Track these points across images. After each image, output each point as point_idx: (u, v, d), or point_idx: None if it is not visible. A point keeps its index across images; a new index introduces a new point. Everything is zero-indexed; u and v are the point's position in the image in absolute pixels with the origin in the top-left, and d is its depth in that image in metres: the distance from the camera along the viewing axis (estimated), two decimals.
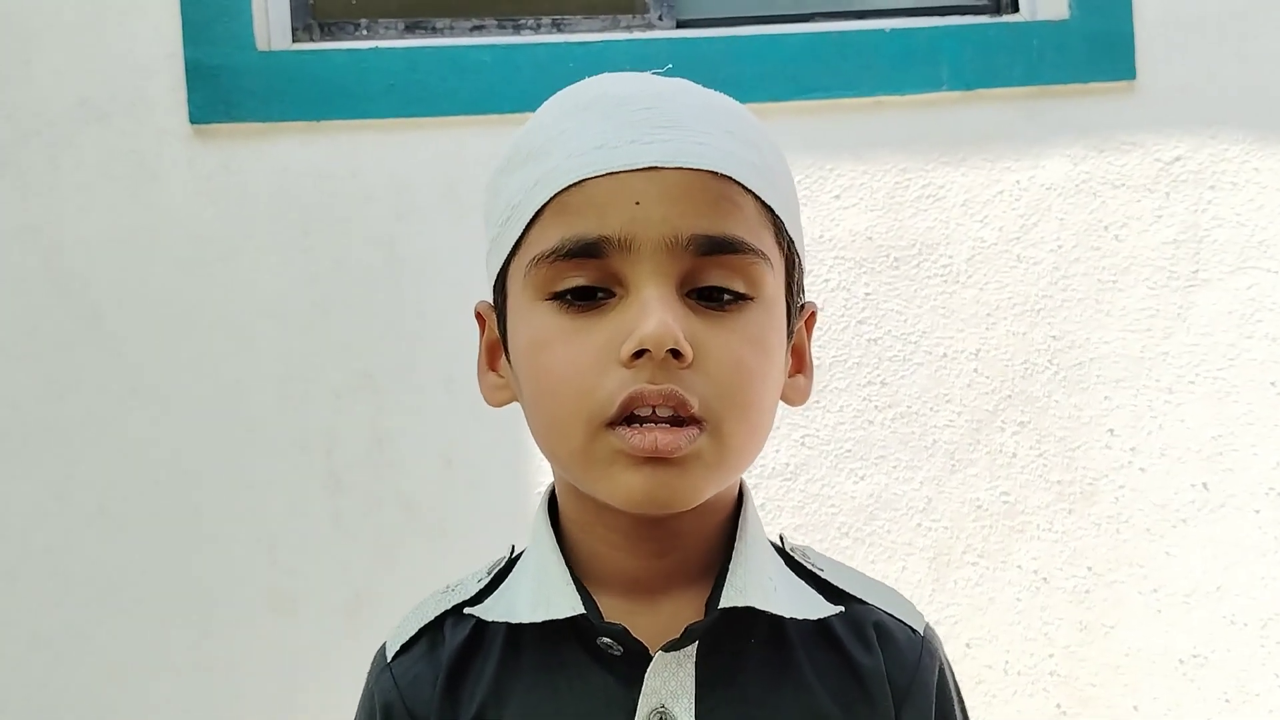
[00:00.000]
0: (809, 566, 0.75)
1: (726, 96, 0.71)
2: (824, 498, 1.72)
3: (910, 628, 0.74)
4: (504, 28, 1.78)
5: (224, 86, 1.64)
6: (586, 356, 0.64)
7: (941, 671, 0.75)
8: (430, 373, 1.66)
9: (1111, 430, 1.75)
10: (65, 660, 1.63)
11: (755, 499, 0.74)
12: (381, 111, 1.66)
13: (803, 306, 0.75)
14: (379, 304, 1.66)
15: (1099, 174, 1.76)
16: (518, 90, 1.66)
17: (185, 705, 1.64)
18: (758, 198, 0.67)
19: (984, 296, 1.74)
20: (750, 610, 0.68)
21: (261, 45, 1.67)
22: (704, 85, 0.71)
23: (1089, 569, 1.74)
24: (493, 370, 0.75)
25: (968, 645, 1.72)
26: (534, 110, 1.57)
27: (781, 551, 0.76)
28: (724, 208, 0.65)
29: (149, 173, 1.64)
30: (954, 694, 0.76)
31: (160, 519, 1.64)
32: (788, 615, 0.69)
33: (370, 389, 1.66)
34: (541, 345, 0.66)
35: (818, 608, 0.71)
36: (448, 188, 1.67)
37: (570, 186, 0.64)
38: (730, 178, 0.65)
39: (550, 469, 0.74)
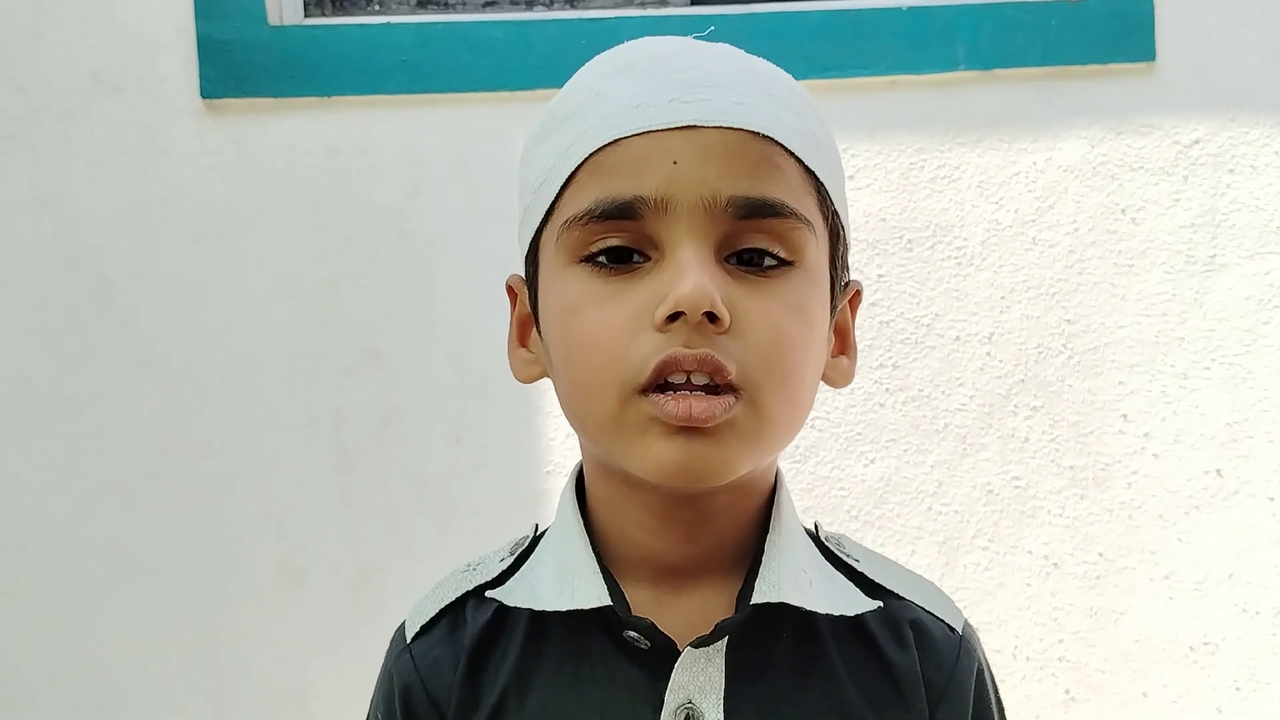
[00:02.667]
0: (844, 558, 0.72)
1: (771, 63, 0.69)
2: (834, 480, 1.71)
3: (949, 626, 0.72)
4: (516, 4, 1.77)
5: (235, 61, 1.63)
6: (620, 320, 0.61)
7: (980, 673, 0.72)
8: (440, 350, 1.65)
9: (1125, 415, 1.74)
10: (75, 633, 1.64)
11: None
12: (393, 87, 1.65)
13: (848, 284, 0.73)
14: (389, 281, 1.66)
15: (1116, 156, 1.74)
16: (530, 67, 1.65)
17: (194, 678, 1.65)
18: (801, 162, 0.65)
19: (998, 279, 1.73)
20: (777, 605, 0.65)
21: (273, 20, 1.66)
22: None
23: (1100, 555, 1.73)
24: (523, 346, 0.73)
25: (977, 629, 1.72)
26: (547, 87, 1.56)
27: (816, 540, 0.73)
28: (765, 169, 0.63)
29: (160, 147, 1.64)
30: (992, 696, 0.73)
31: (169, 493, 1.64)
32: (823, 611, 0.66)
33: (379, 366, 1.66)
34: (573, 309, 0.63)
35: (855, 603, 0.68)
36: (459, 164, 1.66)
37: (605, 146, 0.62)
38: (773, 139, 0.63)
39: (577, 447, 0.72)
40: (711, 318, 0.59)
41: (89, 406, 1.64)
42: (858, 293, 0.74)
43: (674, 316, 0.59)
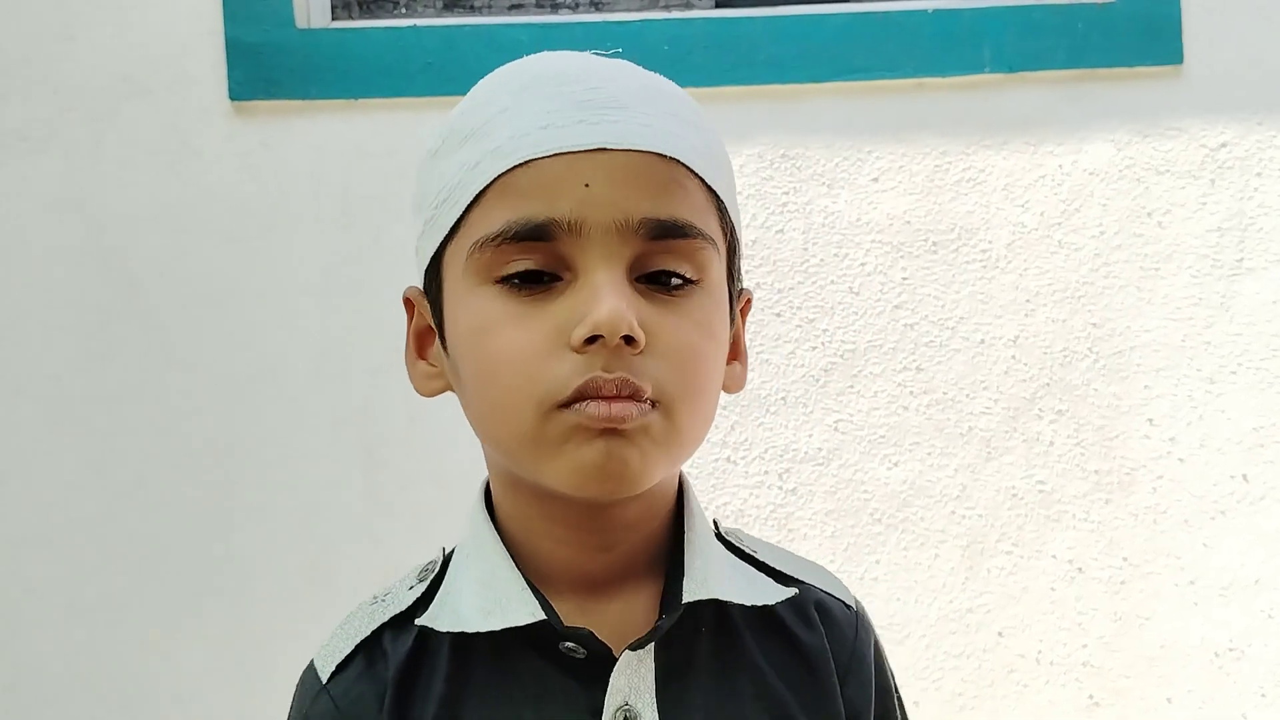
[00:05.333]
0: (746, 550, 0.75)
1: (666, 79, 0.69)
2: (856, 483, 1.71)
3: (845, 603, 0.76)
4: (542, 7, 1.78)
5: (264, 64, 1.65)
6: (536, 340, 0.62)
7: (876, 644, 0.77)
8: None
9: (1151, 420, 1.73)
10: (102, 630, 1.65)
11: (788, 484, 0.74)
12: (419, 90, 1.66)
13: (739, 292, 0.74)
14: (415, 281, 1.66)
15: (1143, 159, 1.73)
16: None
17: (221, 676, 1.66)
18: (703, 181, 0.66)
19: (1023, 282, 1.72)
20: (701, 602, 0.68)
21: (301, 23, 1.67)
22: (745, 65, 0.70)
23: (1125, 560, 1.73)
24: (422, 359, 0.73)
25: (1000, 634, 1.71)
26: None
27: (719, 538, 0.75)
28: (672, 190, 0.64)
29: (189, 149, 1.66)
30: (887, 665, 0.77)
31: (197, 491, 1.66)
32: (749, 603, 0.69)
33: (405, 366, 1.66)
34: (486, 330, 0.64)
35: (772, 592, 0.71)
36: None
37: (516, 167, 0.63)
38: (678, 160, 0.64)
39: (485, 466, 0.73)
40: (628, 340, 0.61)
41: (117, 405, 1.65)
42: (748, 301, 0.76)
43: (592, 339, 0.61)
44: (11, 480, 1.65)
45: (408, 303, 0.74)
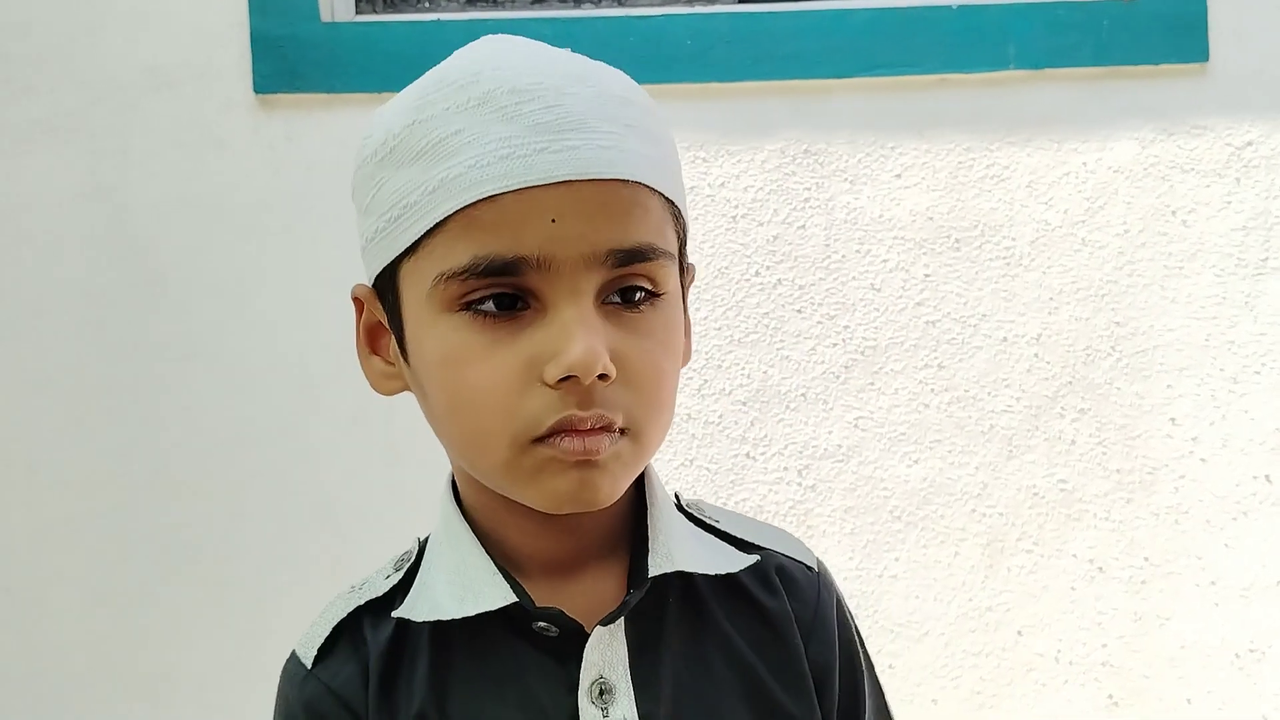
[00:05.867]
0: (707, 520, 0.77)
1: (613, 72, 0.69)
2: (876, 480, 1.71)
3: (806, 566, 0.78)
4: (565, 1, 1.78)
5: (288, 57, 1.65)
6: (507, 374, 0.63)
7: (839, 603, 0.78)
8: None
9: (1173, 419, 1.72)
10: (126, 619, 1.67)
11: (807, 480, 0.75)
12: None
13: (686, 268, 0.74)
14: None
15: (1168, 157, 1.72)
16: None
17: (243, 667, 1.67)
18: (661, 194, 0.67)
19: (1047, 280, 1.72)
20: (667, 574, 0.70)
21: (325, 17, 1.68)
22: (767, 60, 0.70)
23: (1146, 559, 1.72)
24: (375, 354, 0.75)
25: (1019, 633, 1.71)
26: None
27: (680, 509, 0.77)
28: (636, 215, 0.65)
29: (214, 141, 1.67)
30: (851, 621, 0.79)
31: (221, 483, 1.67)
32: (712, 572, 0.72)
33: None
34: (457, 360, 0.65)
35: (733, 560, 0.74)
36: None
37: (479, 201, 0.62)
38: (641, 183, 0.65)
39: (449, 461, 0.74)
40: (602, 376, 0.62)
41: (141, 396, 1.66)
42: (692, 275, 0.76)
43: (565, 376, 0.62)
44: (35, 469, 1.66)
45: (356, 300, 0.75)
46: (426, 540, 0.76)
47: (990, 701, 1.71)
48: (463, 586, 0.69)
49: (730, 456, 1.69)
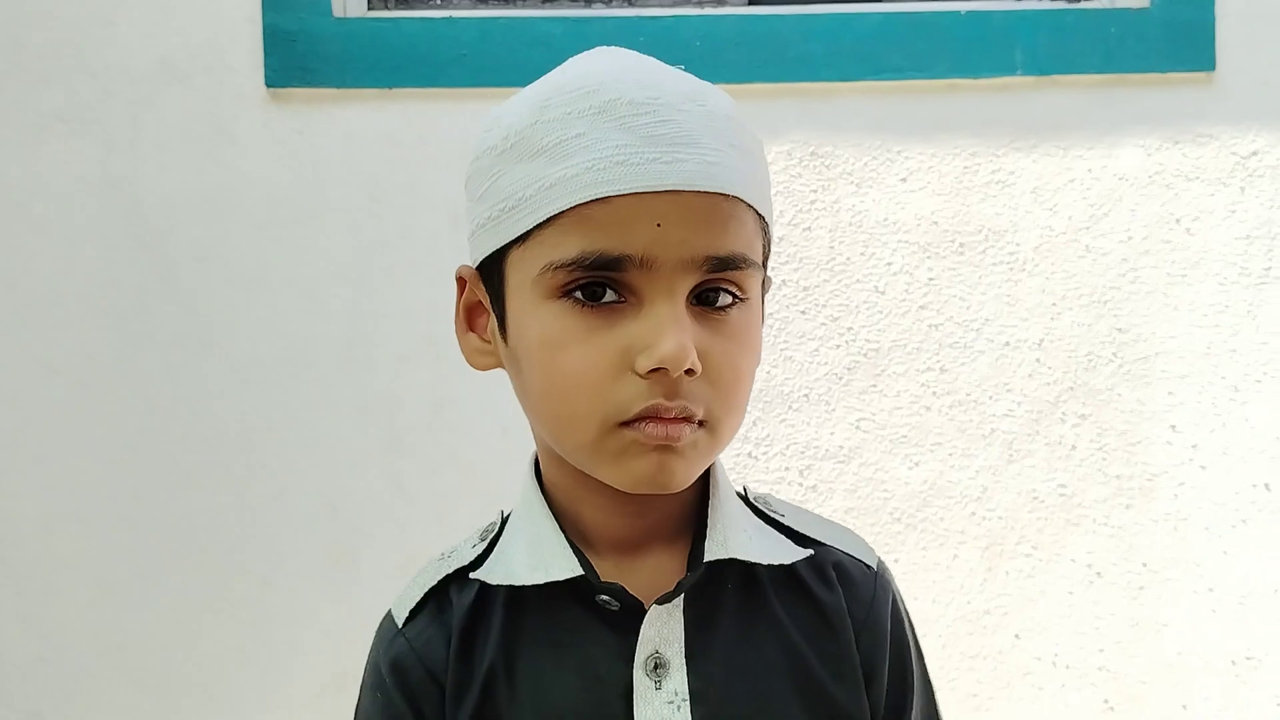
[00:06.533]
0: (772, 514, 0.82)
1: (720, 93, 0.73)
2: (877, 482, 1.72)
3: (865, 564, 0.82)
4: (575, 1, 1.79)
5: (300, 51, 1.67)
6: (602, 362, 0.68)
7: (894, 602, 0.82)
8: None
9: (1174, 426, 1.73)
10: (131, 606, 1.68)
11: (808, 480, 0.78)
12: (453, 80, 1.68)
13: (765, 280, 0.80)
14: (445, 270, 1.68)
15: (1173, 165, 1.73)
16: None
17: (246, 655, 1.69)
18: (754, 208, 0.72)
19: (1050, 286, 1.73)
20: (725, 560, 0.75)
21: (337, 12, 1.69)
22: (776, 62, 0.74)
23: (1144, 565, 1.73)
24: (472, 331, 0.80)
25: (1017, 636, 1.72)
26: None
27: (746, 502, 0.83)
28: (732, 227, 0.70)
29: (226, 134, 1.68)
30: (905, 619, 0.83)
31: (227, 473, 1.68)
32: (764, 562, 0.76)
33: (432, 354, 1.68)
34: (556, 345, 0.70)
35: (788, 553, 0.78)
36: None
37: (593, 200, 0.68)
38: (740, 198, 0.70)
39: (534, 441, 0.79)
40: (688, 371, 0.68)
41: (151, 386, 1.68)
42: (769, 283, 0.82)
43: (656, 368, 0.67)
44: (44, 459, 1.68)
45: (459, 279, 0.79)
46: (509, 514, 0.82)
47: (987, 704, 1.72)
48: (536, 557, 0.75)
49: (733, 456, 1.70)
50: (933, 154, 1.72)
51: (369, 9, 1.76)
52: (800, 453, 1.71)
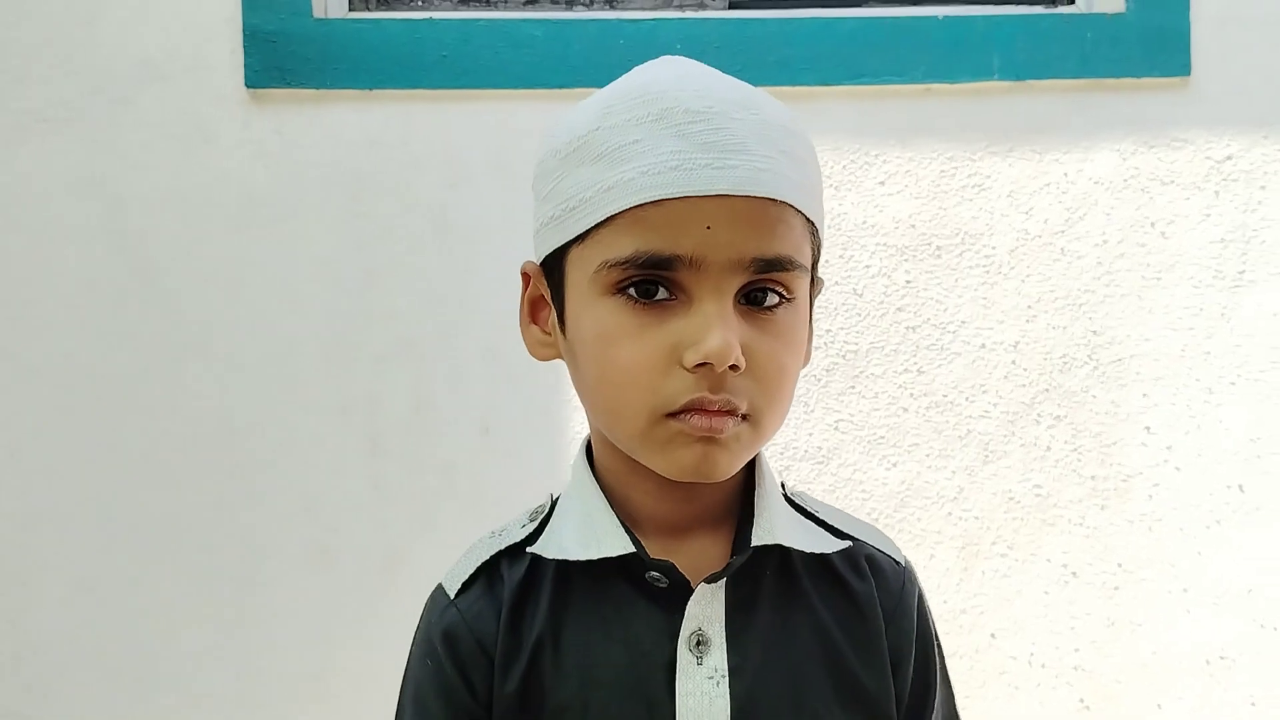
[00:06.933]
0: (808, 510, 0.86)
1: (773, 102, 0.77)
2: (855, 482, 1.73)
3: (894, 560, 0.87)
4: (557, 3, 1.80)
5: (280, 52, 1.67)
6: (652, 356, 0.72)
7: (920, 598, 0.87)
8: (471, 341, 1.68)
9: (1148, 428, 1.74)
10: (109, 605, 1.68)
11: (787, 481, 0.81)
12: (433, 82, 1.68)
13: (815, 281, 0.83)
14: (425, 271, 1.69)
15: (1148, 169, 1.75)
16: (568, 65, 1.68)
17: (224, 654, 1.68)
18: (804, 215, 0.75)
19: (1025, 288, 1.74)
20: (767, 547, 0.79)
21: (318, 13, 1.69)
22: (756, 66, 0.77)
23: (1119, 565, 1.74)
24: (535, 323, 0.83)
25: (993, 635, 1.73)
26: (585, 85, 1.58)
27: (785, 497, 0.86)
28: (780, 230, 0.73)
29: (206, 134, 1.68)
30: (930, 618, 0.88)
31: (206, 473, 1.68)
32: (807, 550, 0.81)
33: (413, 355, 1.69)
34: (609, 340, 0.74)
35: (828, 543, 0.82)
36: (497, 159, 1.69)
37: (648, 203, 0.71)
38: (787, 203, 0.73)
39: (588, 426, 0.82)
40: (733, 367, 0.71)
41: (130, 385, 1.67)
42: (820, 285, 0.85)
43: (702, 363, 0.71)
44: (23, 457, 1.67)
45: (525, 275, 0.83)
46: (558, 498, 0.85)
47: (963, 704, 1.72)
48: (587, 534, 0.79)
49: None
50: (910, 158, 1.73)
51: (350, 10, 1.76)
52: (779, 454, 1.72)
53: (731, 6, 1.80)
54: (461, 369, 1.69)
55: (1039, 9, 1.79)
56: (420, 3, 1.79)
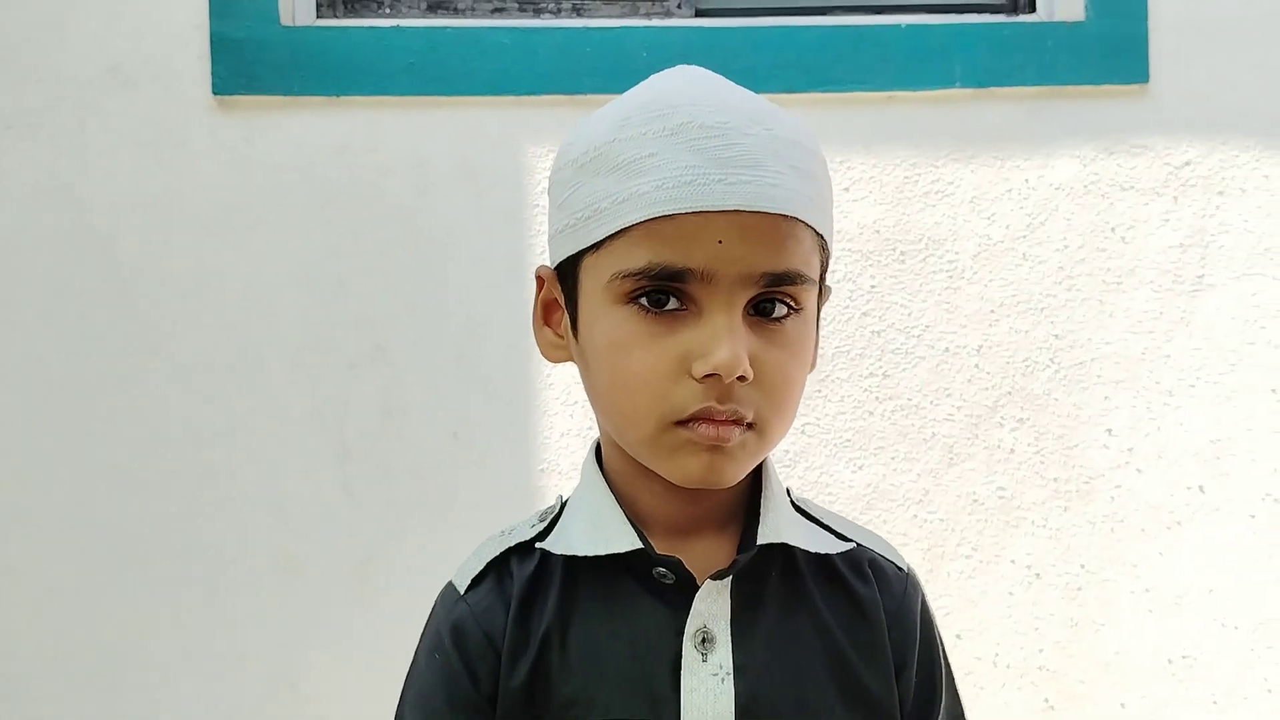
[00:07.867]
0: (812, 514, 0.88)
1: (786, 117, 0.78)
2: (821, 485, 1.74)
3: (897, 565, 0.88)
4: (524, 10, 1.81)
5: (247, 59, 1.67)
6: (663, 365, 0.74)
7: (923, 602, 0.88)
8: (442, 348, 1.69)
9: (1110, 430, 1.77)
10: (77, 613, 1.67)
11: None
12: (401, 89, 1.69)
13: (822, 290, 0.85)
14: (395, 278, 1.69)
15: (1108, 175, 1.77)
16: (536, 73, 1.69)
17: (193, 662, 1.68)
18: (813, 228, 0.77)
19: (988, 293, 1.76)
20: (772, 548, 0.81)
21: (285, 20, 1.69)
22: (721, 74, 0.79)
23: (1082, 566, 1.76)
24: (548, 326, 0.85)
25: (958, 636, 1.75)
26: (552, 93, 1.59)
27: (790, 502, 0.88)
28: (790, 245, 0.75)
29: (173, 140, 1.68)
30: (934, 623, 0.89)
31: (175, 479, 1.68)
32: (813, 550, 0.82)
33: (383, 361, 1.69)
34: (621, 348, 0.76)
35: (833, 545, 0.84)
36: (465, 166, 1.69)
37: (661, 216, 0.73)
38: (797, 218, 0.75)
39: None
40: (740, 378, 0.73)
41: (98, 392, 1.67)
42: (828, 293, 0.87)
43: (710, 374, 0.73)
44: None
45: (539, 278, 0.85)
46: (567, 499, 0.87)
47: None
48: (596, 531, 0.80)
49: None
50: (874, 164, 1.75)
51: (317, 17, 1.76)
52: None
53: (697, 15, 1.81)
54: (433, 375, 1.69)
55: (1000, 18, 1.81)
56: (388, 10, 1.80)
